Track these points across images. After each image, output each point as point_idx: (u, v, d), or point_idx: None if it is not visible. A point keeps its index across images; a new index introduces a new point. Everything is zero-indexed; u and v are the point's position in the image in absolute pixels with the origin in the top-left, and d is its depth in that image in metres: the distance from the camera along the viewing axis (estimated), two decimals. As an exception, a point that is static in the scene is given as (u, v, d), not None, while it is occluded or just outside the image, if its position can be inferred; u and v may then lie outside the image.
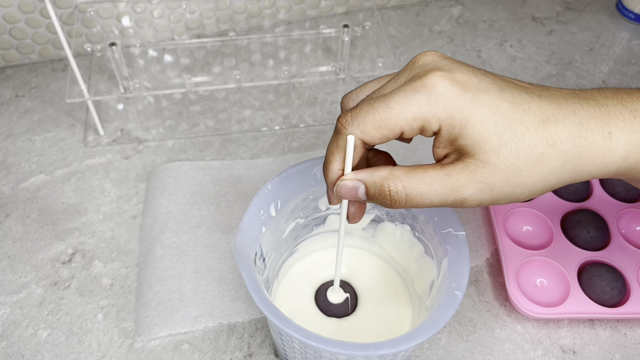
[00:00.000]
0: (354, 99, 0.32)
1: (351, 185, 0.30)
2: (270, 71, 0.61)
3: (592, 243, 0.46)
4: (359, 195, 0.31)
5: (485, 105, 0.28)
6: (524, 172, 0.28)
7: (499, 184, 0.28)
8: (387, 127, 0.29)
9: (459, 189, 0.28)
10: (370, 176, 0.30)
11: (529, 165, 0.28)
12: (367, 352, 0.30)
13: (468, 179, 0.28)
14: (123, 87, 0.54)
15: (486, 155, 0.28)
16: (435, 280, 0.37)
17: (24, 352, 0.42)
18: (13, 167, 0.53)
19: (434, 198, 0.29)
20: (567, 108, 0.29)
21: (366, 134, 0.29)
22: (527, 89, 0.29)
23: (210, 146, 0.55)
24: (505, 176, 0.28)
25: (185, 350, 0.42)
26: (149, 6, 0.60)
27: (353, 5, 0.69)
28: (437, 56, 0.30)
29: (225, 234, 0.48)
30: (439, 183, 0.29)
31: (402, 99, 0.28)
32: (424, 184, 0.29)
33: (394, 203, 0.29)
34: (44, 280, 0.46)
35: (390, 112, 0.28)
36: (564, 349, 0.42)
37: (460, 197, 0.29)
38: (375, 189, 0.30)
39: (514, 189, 0.28)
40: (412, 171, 0.29)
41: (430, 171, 0.29)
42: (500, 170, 0.28)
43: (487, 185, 0.28)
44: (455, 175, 0.28)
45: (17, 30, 0.58)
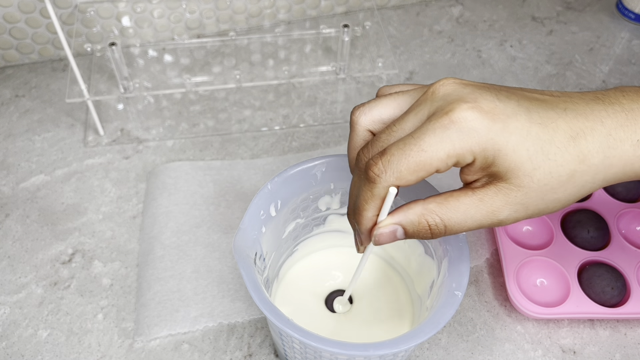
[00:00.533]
0: (366, 113, 0.32)
1: (389, 231, 0.31)
2: (270, 71, 0.61)
3: (592, 243, 0.46)
4: (398, 237, 0.31)
5: (515, 133, 0.28)
6: (558, 189, 0.29)
7: (533, 204, 0.29)
8: (422, 169, 0.28)
9: (494, 213, 0.29)
10: (406, 217, 0.30)
11: (561, 182, 0.28)
12: (367, 352, 0.30)
13: (503, 202, 0.29)
14: (123, 87, 0.54)
15: (519, 179, 0.28)
16: (435, 280, 0.37)
17: (24, 352, 0.42)
18: (13, 167, 0.53)
19: (471, 224, 0.29)
20: (594, 119, 0.29)
21: (402, 180, 0.29)
22: (552, 103, 0.29)
23: (210, 146, 0.55)
24: (540, 195, 0.29)
25: (185, 350, 0.42)
26: (149, 6, 0.60)
27: (353, 5, 0.69)
28: (457, 84, 0.29)
29: (225, 234, 0.48)
30: (474, 210, 0.29)
31: (433, 140, 0.28)
32: (459, 213, 0.29)
33: (435, 235, 0.30)
34: (44, 280, 0.46)
35: (424, 154, 0.28)
36: (564, 349, 0.42)
37: (497, 220, 0.29)
38: (414, 228, 0.30)
39: (548, 204, 0.29)
40: (445, 202, 0.29)
41: (463, 198, 0.29)
42: (534, 191, 0.28)
43: (522, 206, 0.29)
44: (489, 200, 0.29)
45: (17, 30, 0.58)
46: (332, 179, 0.39)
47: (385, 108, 0.32)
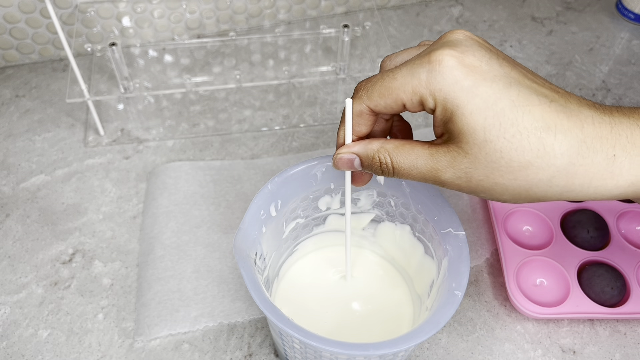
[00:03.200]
0: (392, 59, 0.33)
1: (347, 158, 0.32)
2: (270, 71, 0.61)
3: (592, 243, 0.46)
4: (355, 167, 0.32)
5: (480, 97, 0.27)
6: (505, 174, 0.27)
7: (476, 177, 0.28)
8: (389, 96, 0.29)
9: (438, 171, 0.29)
10: (364, 149, 0.32)
11: (511, 168, 0.27)
12: (367, 352, 0.30)
13: (448, 164, 0.29)
14: (123, 87, 0.54)
15: (468, 146, 0.27)
16: (435, 280, 0.37)
17: (24, 352, 0.42)
18: (13, 167, 0.53)
19: (415, 175, 0.30)
20: (575, 121, 0.27)
21: (372, 101, 0.30)
22: (541, 91, 0.28)
23: (210, 146, 0.55)
24: (485, 172, 0.28)
25: (185, 350, 0.42)
26: (149, 6, 0.60)
27: (353, 5, 0.69)
28: (465, 35, 0.29)
29: (225, 234, 0.48)
30: (421, 161, 0.29)
31: (407, 71, 0.28)
32: (408, 160, 0.30)
33: (384, 173, 0.31)
34: (44, 280, 0.46)
35: (394, 82, 0.29)
36: (564, 349, 0.42)
37: (438, 179, 0.29)
38: (368, 161, 0.31)
39: (493, 187, 0.28)
40: (401, 146, 0.30)
41: (418, 149, 0.30)
42: (480, 164, 0.27)
43: (465, 174, 0.28)
44: (437, 157, 0.29)
45: (17, 30, 0.58)
46: (332, 179, 0.39)
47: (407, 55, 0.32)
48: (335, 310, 0.42)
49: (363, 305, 0.42)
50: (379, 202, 0.41)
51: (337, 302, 0.42)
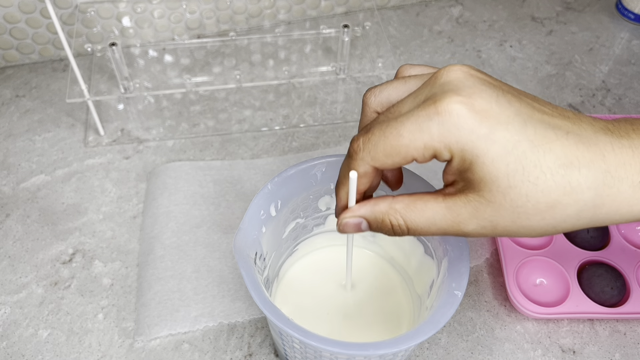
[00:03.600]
0: (377, 94, 0.31)
1: (353, 222, 0.31)
2: (270, 71, 0.61)
3: (592, 243, 0.46)
4: (363, 229, 0.31)
5: (499, 143, 0.25)
6: (533, 216, 0.26)
7: (502, 224, 0.27)
8: (397, 155, 0.28)
9: (460, 224, 0.27)
10: (372, 212, 0.30)
11: (538, 210, 0.26)
12: (367, 352, 0.30)
13: (470, 215, 0.27)
14: (123, 87, 0.54)
15: (492, 194, 0.26)
16: (435, 280, 0.37)
17: (24, 352, 0.42)
18: (13, 167, 0.53)
19: (435, 231, 0.28)
20: (595, 151, 0.26)
21: (377, 161, 0.28)
22: (556, 122, 0.27)
23: (210, 146, 0.55)
24: (511, 217, 0.26)
25: (185, 350, 0.42)
26: (149, 6, 0.60)
27: (353, 5, 0.69)
28: (463, 73, 0.27)
29: (225, 234, 0.48)
30: (439, 217, 0.28)
31: (413, 127, 0.26)
32: (424, 218, 0.28)
33: (397, 234, 0.30)
34: (44, 280, 0.46)
35: (401, 139, 0.27)
36: (563, 349, 0.42)
37: (461, 232, 0.28)
38: (377, 224, 0.30)
39: (519, 229, 0.27)
40: (412, 204, 0.29)
41: (432, 204, 0.28)
42: (506, 211, 0.26)
43: (490, 224, 0.27)
44: (456, 210, 0.27)
45: (17, 30, 0.58)
46: (332, 179, 0.39)
47: (394, 90, 0.31)
48: (335, 310, 0.42)
49: (363, 305, 0.42)
50: (379, 202, 0.41)
51: (337, 302, 0.42)
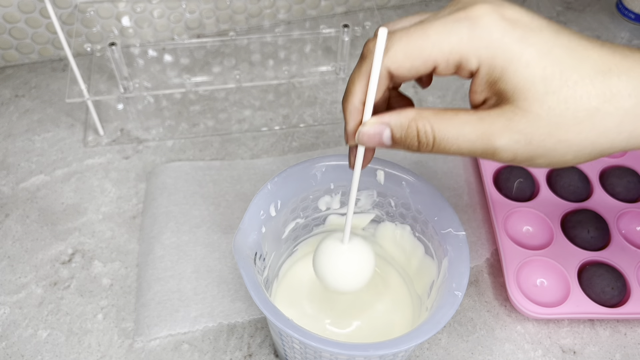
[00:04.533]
0: (390, 27, 0.28)
1: (374, 131, 0.27)
2: (270, 71, 0.61)
3: (592, 243, 0.46)
4: (384, 141, 0.27)
5: (534, 46, 0.24)
6: (571, 127, 0.24)
7: (538, 137, 0.25)
8: (420, 56, 0.25)
9: (491, 137, 0.25)
10: (397, 118, 0.27)
11: (577, 119, 0.24)
12: (367, 352, 0.30)
13: (503, 127, 0.25)
14: (123, 87, 0.54)
15: (527, 103, 0.24)
16: (435, 280, 0.37)
17: (24, 352, 0.42)
18: (13, 167, 0.53)
19: (462, 144, 0.26)
20: (633, 60, 0.25)
21: (395, 62, 0.26)
22: (586, 38, 0.25)
23: (210, 146, 0.55)
24: (548, 129, 0.24)
25: (185, 350, 0.42)
26: (149, 6, 0.60)
27: (353, 5, 0.69)
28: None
29: (225, 234, 0.48)
30: (470, 127, 0.25)
31: (442, 28, 0.25)
32: (453, 126, 0.25)
33: (422, 146, 0.26)
34: (44, 280, 0.46)
35: (426, 40, 0.25)
36: (564, 349, 0.42)
37: (491, 146, 0.25)
38: (402, 132, 0.26)
39: (556, 145, 0.25)
40: (442, 112, 0.26)
41: (462, 114, 0.26)
42: (542, 121, 0.24)
43: (524, 137, 0.25)
44: (489, 121, 0.25)
45: (17, 30, 0.58)
46: (332, 179, 0.39)
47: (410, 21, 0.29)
48: (334, 310, 0.42)
49: (363, 306, 0.42)
50: (379, 202, 0.41)
51: (337, 302, 0.42)
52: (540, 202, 0.49)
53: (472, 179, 0.52)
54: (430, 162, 0.53)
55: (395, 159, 0.53)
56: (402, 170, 0.38)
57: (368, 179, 0.39)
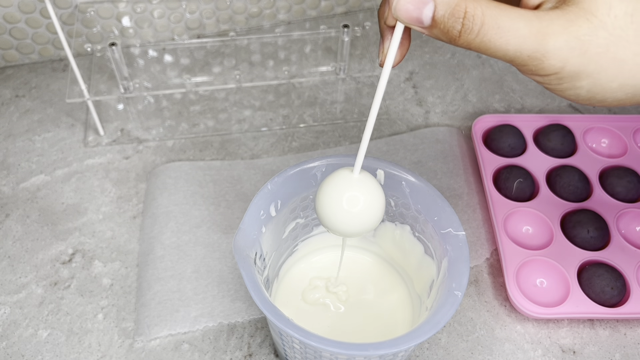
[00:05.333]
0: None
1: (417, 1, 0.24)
2: (270, 71, 0.61)
3: (592, 243, 0.46)
4: (423, 18, 0.24)
5: None
6: (630, 45, 0.22)
7: (595, 49, 0.23)
8: None
9: (546, 36, 0.23)
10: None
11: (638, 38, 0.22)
12: (367, 352, 0.30)
13: (562, 28, 0.22)
14: (123, 87, 0.54)
15: (595, 5, 0.22)
16: (435, 280, 0.37)
17: (24, 352, 0.42)
18: (13, 167, 0.53)
19: (511, 39, 0.23)
20: None
21: None
22: None
23: (210, 146, 0.55)
24: (607, 41, 0.22)
25: (185, 350, 0.42)
26: (149, 6, 0.60)
27: (353, 5, 0.69)
28: None
29: (225, 234, 0.48)
30: (524, 22, 0.23)
31: None
32: (506, 17, 0.23)
33: (465, 32, 0.23)
34: (44, 280, 0.46)
35: None
36: (564, 349, 0.42)
37: (543, 48, 0.23)
38: (448, 10, 0.23)
39: (609, 64, 0.23)
40: (497, 2, 0.23)
41: (519, 9, 0.23)
42: (605, 30, 0.22)
43: (581, 45, 0.22)
44: (548, 19, 0.23)
45: (17, 30, 0.58)
46: (332, 179, 0.39)
47: None
48: (334, 310, 0.42)
49: (363, 306, 0.42)
50: (379, 202, 0.41)
51: (337, 302, 0.42)
52: (540, 202, 0.49)
53: (472, 179, 0.52)
54: (430, 162, 0.53)
55: (395, 159, 0.53)
56: (402, 170, 0.38)
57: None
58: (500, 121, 0.55)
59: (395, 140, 0.55)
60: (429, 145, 0.54)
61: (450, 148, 0.54)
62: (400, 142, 0.55)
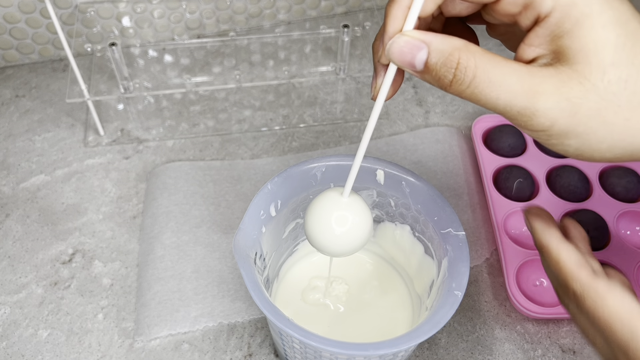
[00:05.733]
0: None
1: (410, 46, 0.24)
2: (270, 71, 0.61)
3: (592, 243, 0.46)
4: (416, 63, 0.24)
5: (615, 10, 0.22)
6: (621, 111, 0.22)
7: (585, 112, 0.22)
8: None
9: (537, 95, 0.22)
10: (442, 42, 0.23)
11: (631, 105, 0.22)
12: (367, 352, 0.30)
13: (554, 88, 0.22)
14: (123, 87, 0.54)
15: (589, 69, 0.22)
16: (435, 280, 0.37)
17: (24, 352, 0.42)
18: (13, 167, 0.53)
19: (501, 94, 0.23)
20: None
21: None
22: None
23: (210, 146, 0.55)
24: (598, 105, 0.22)
25: (185, 350, 0.42)
26: (149, 6, 0.60)
27: (353, 5, 0.69)
28: None
29: (225, 234, 0.48)
30: (516, 78, 0.23)
31: None
32: (499, 71, 0.23)
33: (456, 82, 0.23)
34: (44, 280, 0.46)
35: None
36: (563, 349, 0.42)
37: (532, 106, 0.23)
38: (441, 58, 0.23)
39: (599, 127, 0.23)
40: (492, 54, 0.23)
41: (512, 63, 0.23)
42: (597, 95, 0.22)
43: (571, 106, 0.22)
44: (540, 77, 0.23)
45: (17, 30, 0.58)
46: (332, 179, 0.39)
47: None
48: (334, 310, 0.42)
49: (362, 306, 0.42)
50: (379, 202, 0.41)
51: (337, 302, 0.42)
52: (540, 202, 0.49)
53: (472, 179, 0.52)
54: (430, 162, 0.53)
55: (395, 159, 0.53)
56: (402, 170, 0.38)
57: (368, 179, 0.39)
58: (500, 121, 0.55)
59: (395, 140, 0.55)
60: (429, 145, 0.54)
61: (450, 148, 0.54)
62: (400, 142, 0.55)
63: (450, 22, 0.28)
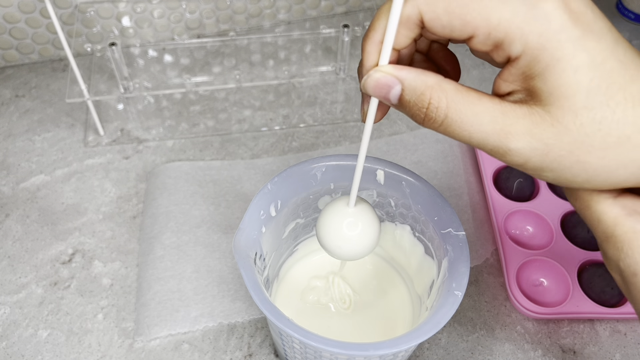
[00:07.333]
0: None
1: (384, 82, 0.24)
2: (270, 71, 0.61)
3: (592, 243, 0.46)
4: (390, 98, 0.24)
5: (589, 52, 0.21)
6: (595, 150, 0.22)
7: (557, 152, 0.22)
8: (460, 16, 0.22)
9: (509, 136, 0.23)
10: (415, 78, 0.23)
11: (605, 144, 0.22)
12: (367, 352, 0.30)
13: (525, 130, 0.22)
14: (123, 87, 0.54)
15: (561, 112, 0.22)
16: (435, 280, 0.37)
17: (24, 352, 0.42)
18: (13, 167, 0.53)
19: (474, 133, 0.23)
20: None
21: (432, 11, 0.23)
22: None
23: (210, 146, 0.55)
24: (570, 146, 0.22)
25: (185, 350, 0.42)
26: (149, 6, 0.60)
27: (353, 5, 0.69)
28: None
29: (225, 234, 0.48)
30: (489, 118, 0.23)
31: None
32: (471, 111, 0.23)
33: (428, 121, 0.24)
34: (44, 280, 0.46)
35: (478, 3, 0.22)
36: (564, 349, 0.42)
37: (505, 146, 0.23)
38: (413, 96, 0.24)
39: (573, 165, 0.23)
40: (465, 92, 0.23)
41: (486, 100, 0.23)
42: (569, 136, 0.22)
43: (543, 147, 0.22)
44: (512, 118, 0.23)
45: (17, 30, 0.58)
46: (332, 179, 0.39)
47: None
48: (334, 310, 0.42)
49: (362, 306, 0.42)
50: (379, 202, 0.41)
51: (337, 302, 0.42)
52: (540, 202, 0.49)
53: (472, 179, 0.52)
54: (430, 162, 0.53)
55: (395, 159, 0.53)
56: (402, 170, 0.38)
57: (368, 179, 0.39)
58: (500, 121, 0.55)
59: (395, 140, 0.55)
60: (429, 145, 0.54)
61: (450, 148, 0.54)
62: (400, 142, 0.55)
63: (434, 44, 0.28)
